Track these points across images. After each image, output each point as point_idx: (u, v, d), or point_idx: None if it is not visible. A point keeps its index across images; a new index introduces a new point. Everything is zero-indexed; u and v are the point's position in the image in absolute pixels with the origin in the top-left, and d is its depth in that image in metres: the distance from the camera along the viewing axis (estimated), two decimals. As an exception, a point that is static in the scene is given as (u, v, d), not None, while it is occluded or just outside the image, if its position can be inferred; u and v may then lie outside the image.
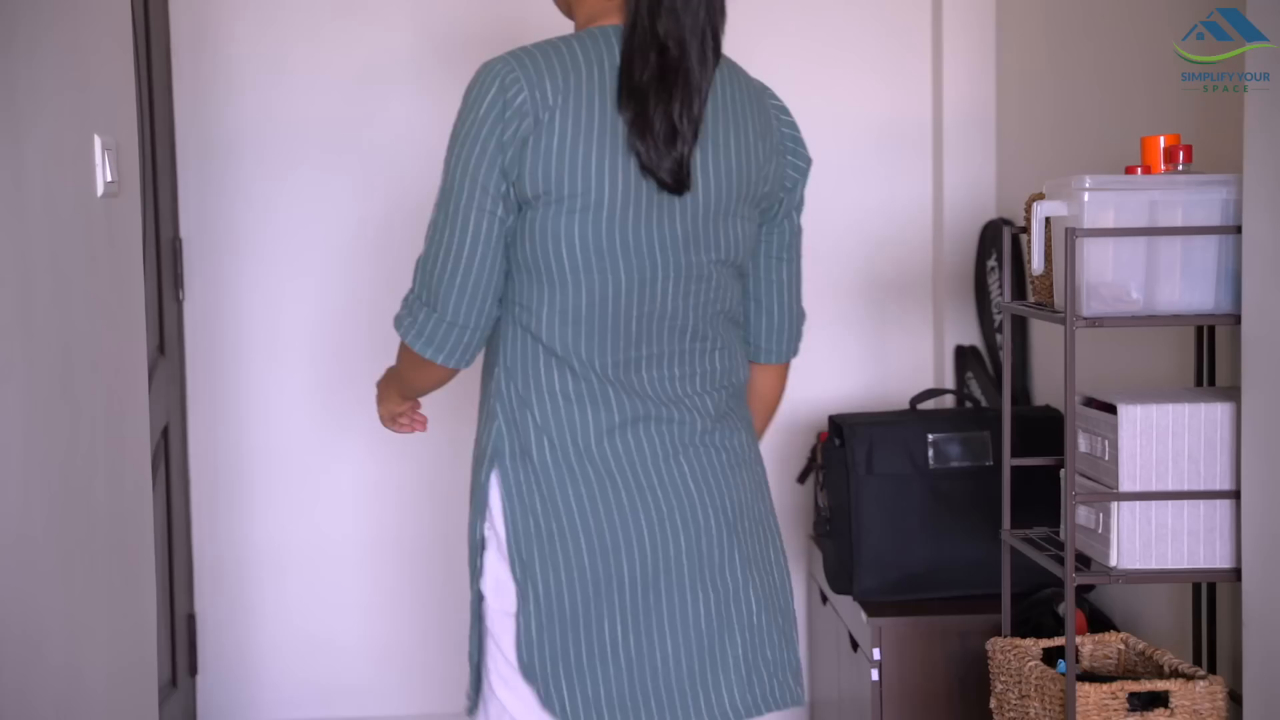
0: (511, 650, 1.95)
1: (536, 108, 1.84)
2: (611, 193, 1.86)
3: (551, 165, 1.84)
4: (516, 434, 1.93)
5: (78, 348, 2.64)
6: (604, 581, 1.92)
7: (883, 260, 3.81)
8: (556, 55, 1.86)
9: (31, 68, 2.44)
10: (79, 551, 2.64)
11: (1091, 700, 2.31)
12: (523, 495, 1.93)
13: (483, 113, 1.85)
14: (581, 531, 1.92)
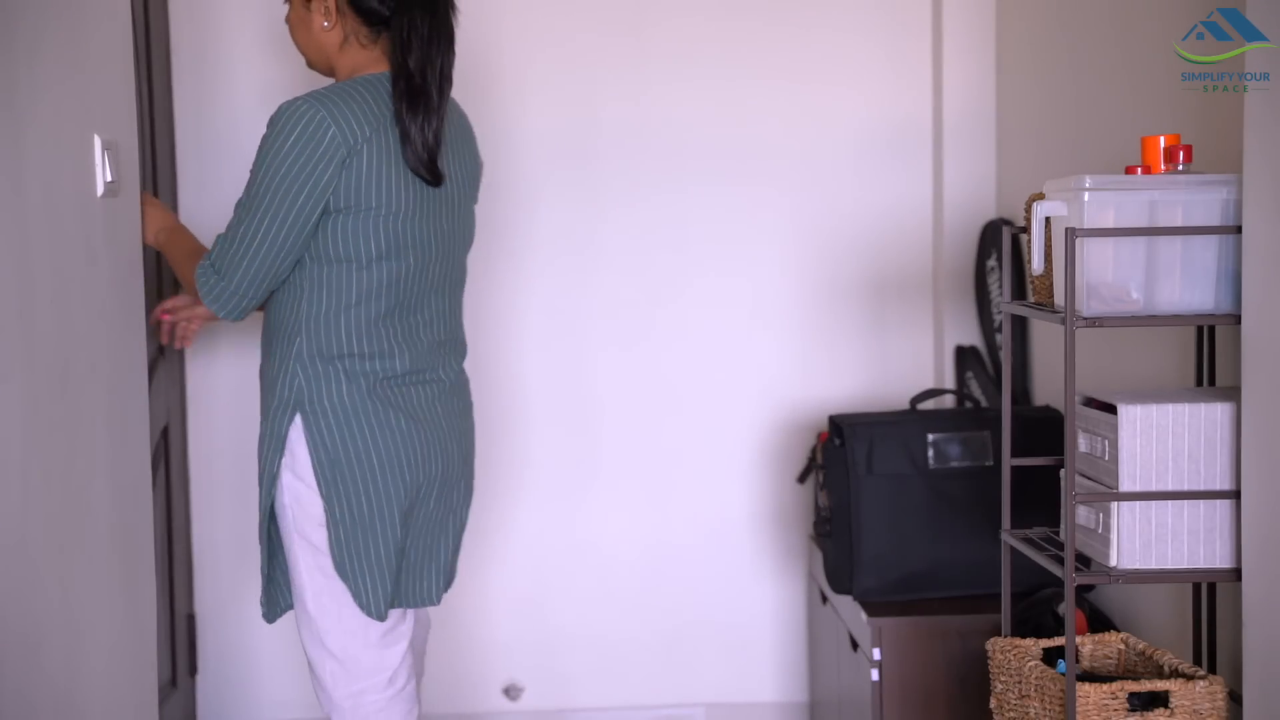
0: None
1: (349, 142, 2.48)
2: (401, 201, 2.54)
3: (360, 185, 2.50)
4: (319, 384, 2.55)
5: (78, 348, 2.64)
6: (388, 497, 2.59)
7: (883, 260, 3.81)
8: (359, 99, 2.51)
9: (31, 68, 2.44)
10: (79, 551, 2.64)
11: (1091, 700, 2.31)
12: (323, 433, 2.55)
13: (302, 146, 2.46)
14: (374, 456, 2.56)
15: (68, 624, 2.62)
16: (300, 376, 2.56)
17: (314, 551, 2.60)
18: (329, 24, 2.60)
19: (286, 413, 2.57)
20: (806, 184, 3.80)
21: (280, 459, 2.58)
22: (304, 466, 2.57)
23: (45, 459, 2.52)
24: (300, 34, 2.68)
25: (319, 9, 2.60)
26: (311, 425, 2.55)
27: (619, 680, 3.84)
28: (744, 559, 3.85)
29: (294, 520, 2.60)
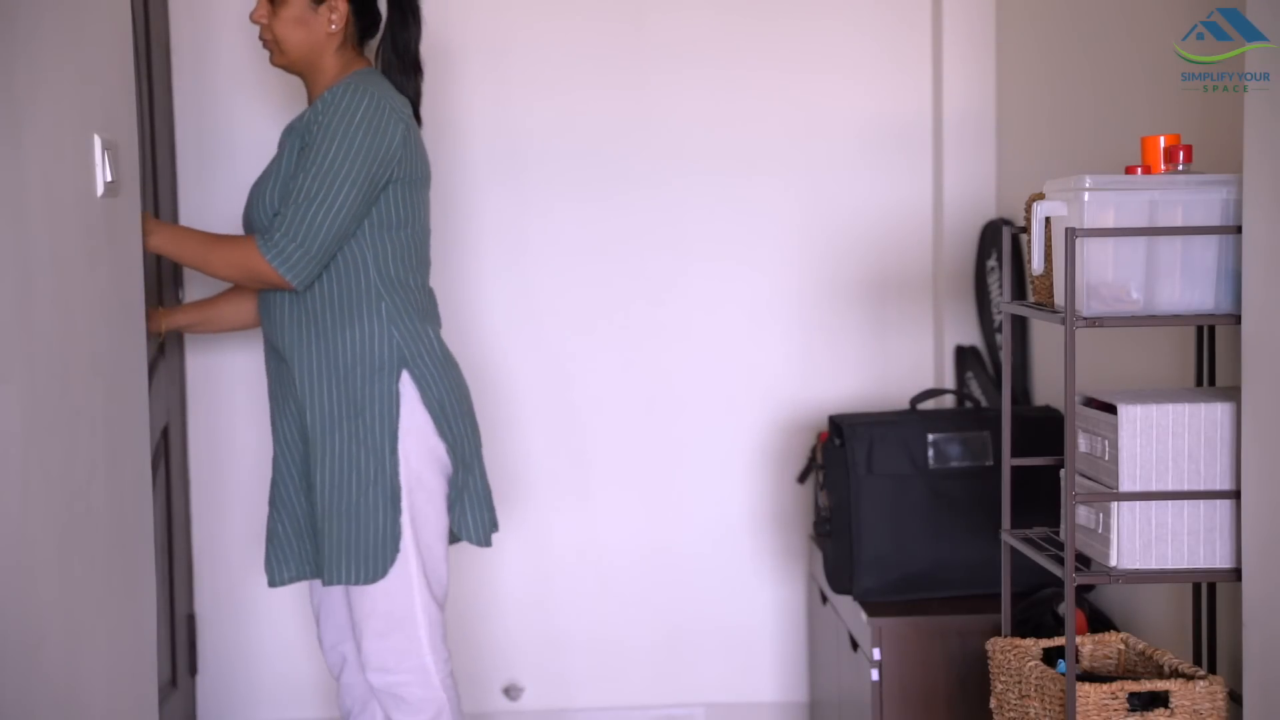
0: None
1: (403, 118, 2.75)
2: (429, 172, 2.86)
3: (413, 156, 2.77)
4: (417, 341, 2.76)
5: (78, 348, 2.64)
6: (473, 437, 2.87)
7: (883, 260, 3.81)
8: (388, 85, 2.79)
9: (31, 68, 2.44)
10: (79, 551, 2.64)
11: (1091, 700, 2.31)
12: (431, 384, 2.76)
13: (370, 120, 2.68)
14: (463, 399, 2.82)
15: (68, 624, 2.62)
16: (398, 336, 2.74)
17: (425, 503, 2.75)
18: (335, 28, 2.79)
19: (393, 372, 2.73)
20: (806, 184, 3.80)
21: (399, 417, 2.72)
22: (421, 420, 2.74)
23: (45, 459, 2.52)
24: (297, 34, 2.77)
25: (327, 13, 2.78)
26: (419, 378, 2.74)
27: (619, 680, 3.84)
28: (744, 559, 3.85)
29: (409, 474, 2.73)
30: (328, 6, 2.78)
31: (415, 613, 2.75)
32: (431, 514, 2.78)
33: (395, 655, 2.75)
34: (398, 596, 2.74)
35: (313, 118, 2.73)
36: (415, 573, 2.75)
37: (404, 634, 2.75)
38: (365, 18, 2.85)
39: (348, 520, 2.72)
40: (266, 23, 2.79)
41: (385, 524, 2.72)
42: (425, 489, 2.76)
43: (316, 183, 2.67)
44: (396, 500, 2.72)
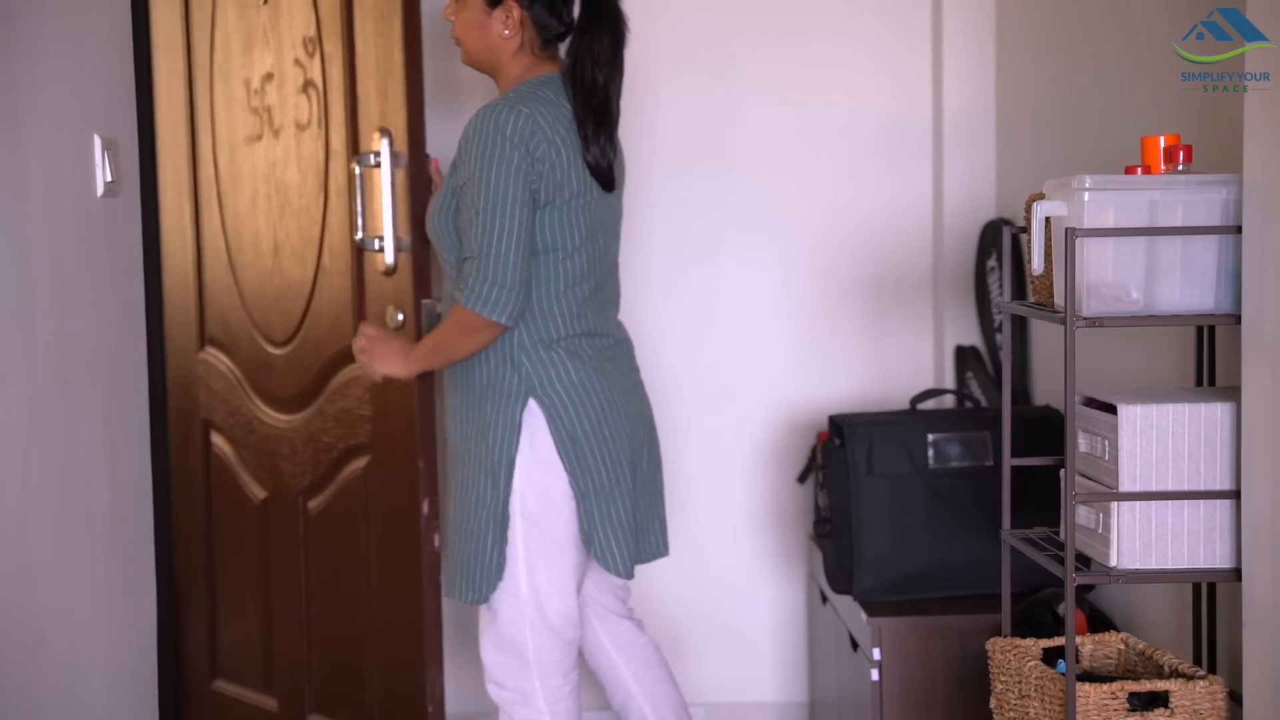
0: None
1: (551, 140, 2.67)
2: (592, 191, 2.75)
3: (562, 178, 2.70)
4: (547, 369, 2.72)
5: (78, 348, 2.64)
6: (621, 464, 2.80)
7: (883, 260, 3.81)
8: (548, 101, 2.70)
9: (31, 68, 2.44)
10: (79, 551, 2.64)
11: (1091, 700, 2.31)
12: (561, 414, 2.72)
13: (514, 145, 2.63)
14: (605, 427, 2.75)
15: (68, 624, 2.62)
16: (526, 365, 2.72)
17: (539, 533, 2.73)
18: (509, 33, 2.76)
19: (518, 400, 2.71)
20: (806, 183, 3.80)
21: (517, 445, 2.71)
22: (544, 448, 2.72)
23: (45, 459, 2.52)
24: (475, 37, 2.78)
25: (501, 18, 2.75)
26: (548, 408, 2.71)
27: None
28: (744, 559, 3.85)
29: (522, 503, 2.72)
30: (503, 10, 2.75)
31: (525, 638, 2.76)
32: (548, 545, 2.75)
33: (505, 672, 2.79)
34: (507, 619, 2.76)
35: (461, 141, 2.70)
36: (526, 600, 2.75)
37: (514, 655, 2.77)
38: (550, 21, 2.78)
39: (463, 540, 2.75)
40: (454, 20, 2.80)
41: (491, 549, 2.72)
42: (541, 520, 2.74)
43: (485, 215, 2.64)
44: (504, 527, 2.72)
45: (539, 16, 2.77)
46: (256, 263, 3.33)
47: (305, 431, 3.25)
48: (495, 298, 2.64)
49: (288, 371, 3.29)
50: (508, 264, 2.63)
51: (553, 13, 2.78)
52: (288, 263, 3.25)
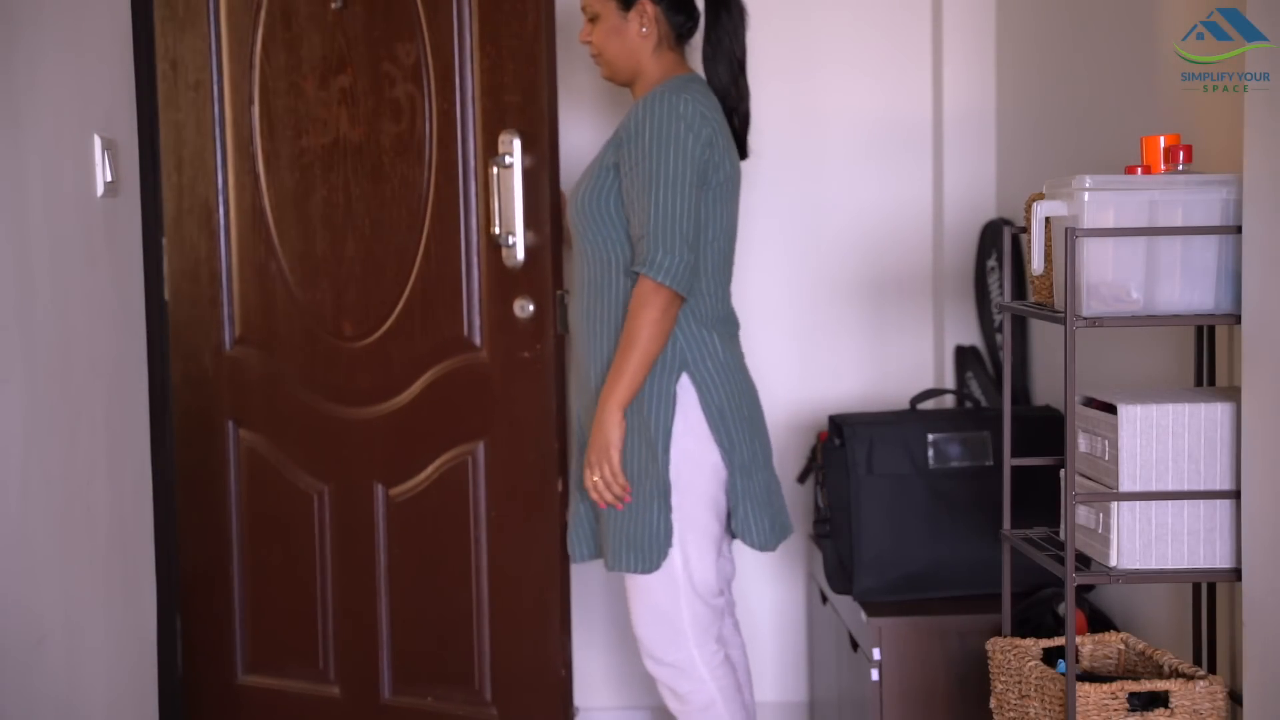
0: None
1: (714, 126, 2.78)
2: (738, 177, 2.88)
3: (724, 163, 2.81)
4: (699, 346, 2.81)
5: (78, 348, 2.64)
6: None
7: (883, 260, 3.81)
8: (704, 91, 2.84)
9: (31, 68, 2.44)
10: (79, 551, 2.64)
11: (1091, 700, 2.31)
12: (711, 389, 2.80)
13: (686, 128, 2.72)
14: (744, 404, 2.86)
15: (68, 624, 2.62)
16: (681, 339, 2.79)
17: (691, 504, 2.79)
18: (646, 30, 2.87)
19: (672, 373, 2.78)
20: (806, 183, 3.80)
21: (673, 416, 2.77)
22: (695, 422, 2.78)
23: (45, 459, 2.52)
24: (614, 45, 2.88)
25: (636, 17, 2.86)
26: (699, 383, 2.79)
27: (619, 680, 3.84)
28: (744, 559, 3.85)
29: (677, 473, 2.78)
30: (636, 11, 2.85)
31: (680, 609, 2.82)
32: (700, 516, 2.82)
33: (662, 645, 2.84)
34: (663, 592, 2.81)
35: (625, 126, 2.78)
36: (679, 571, 2.81)
37: (670, 626, 2.83)
38: (679, 15, 2.90)
39: (627, 511, 2.79)
40: (591, 40, 2.91)
41: (658, 517, 2.78)
42: (694, 490, 2.81)
43: (661, 192, 2.71)
44: (667, 496, 2.78)
45: (669, 10, 2.88)
46: (324, 268, 3.41)
47: (388, 423, 3.34)
48: (676, 269, 2.70)
49: (365, 366, 3.37)
50: (686, 238, 2.71)
51: (682, 6, 2.90)
52: (366, 267, 3.35)
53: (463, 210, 3.24)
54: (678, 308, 2.75)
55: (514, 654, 3.30)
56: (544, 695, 3.27)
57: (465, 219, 3.25)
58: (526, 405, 3.21)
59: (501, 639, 3.31)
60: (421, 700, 3.40)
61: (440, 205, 3.27)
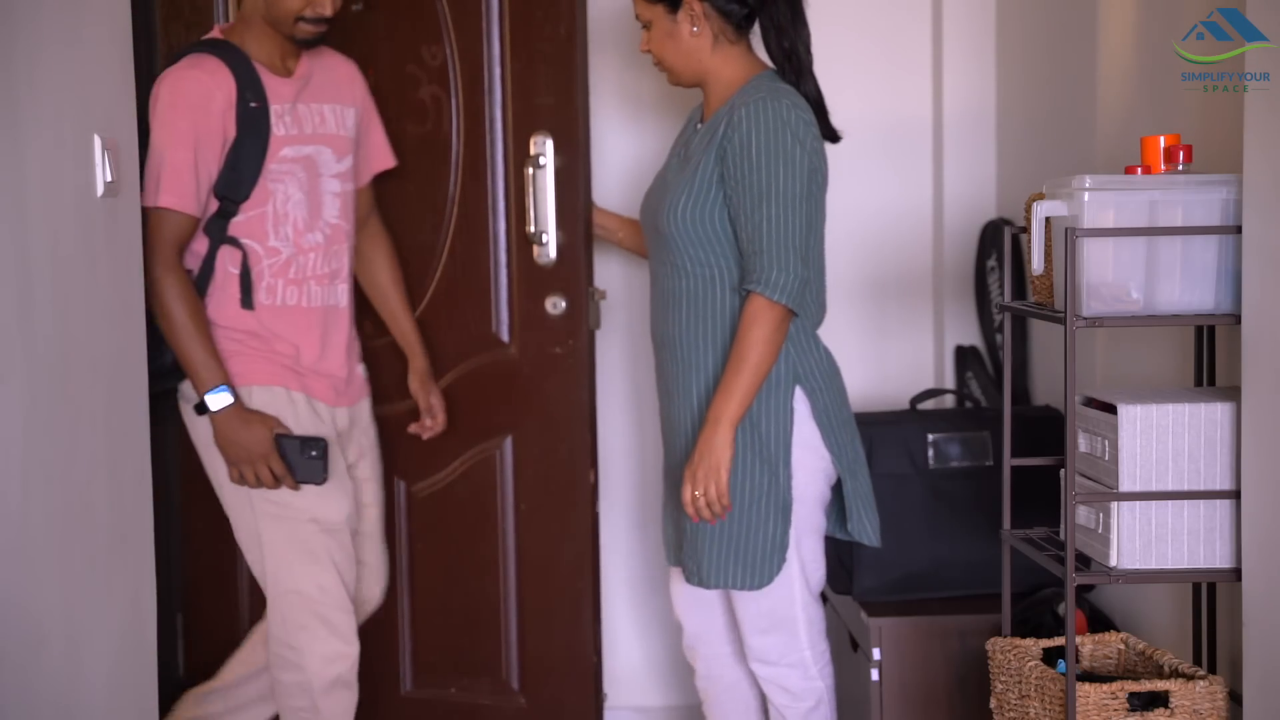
0: None
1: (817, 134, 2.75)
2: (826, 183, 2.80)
3: (825, 169, 2.77)
4: (807, 355, 2.78)
5: (78, 348, 2.64)
6: None
7: (883, 260, 3.81)
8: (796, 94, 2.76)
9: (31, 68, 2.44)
10: (79, 551, 2.64)
11: (1091, 700, 2.31)
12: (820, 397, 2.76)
13: (800, 138, 2.68)
14: (844, 409, 2.82)
15: (68, 624, 2.62)
16: (793, 352, 2.76)
17: (806, 512, 2.76)
18: (697, 29, 2.77)
19: (788, 388, 2.74)
20: (806, 184, 3.80)
21: (792, 431, 2.73)
22: (808, 432, 2.75)
23: (45, 459, 2.52)
24: (670, 49, 2.81)
25: (685, 18, 2.77)
26: (811, 392, 2.76)
27: (619, 680, 3.83)
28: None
29: (799, 486, 2.75)
30: (684, 12, 2.77)
31: (796, 612, 2.79)
32: (816, 520, 2.81)
33: (777, 650, 2.82)
34: (779, 598, 2.78)
35: (732, 133, 2.69)
36: (797, 576, 2.77)
37: (786, 631, 2.80)
38: (732, 4, 2.77)
39: (737, 527, 2.73)
40: (650, 48, 2.84)
41: (775, 534, 2.73)
42: (812, 500, 2.78)
43: (775, 207, 2.65)
44: (788, 512, 2.73)
45: (718, 3, 2.77)
46: None
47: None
48: (790, 286, 2.64)
49: (387, 363, 3.35)
50: (800, 253, 2.66)
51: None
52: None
53: (491, 209, 3.31)
54: (789, 324, 2.70)
55: (544, 643, 3.35)
56: (575, 682, 3.32)
57: (493, 218, 3.31)
58: (559, 400, 3.28)
59: (531, 628, 3.35)
60: (444, 691, 3.43)
61: (466, 204, 3.32)
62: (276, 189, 2.89)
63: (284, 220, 2.90)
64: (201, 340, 2.83)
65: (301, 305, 2.94)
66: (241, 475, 2.89)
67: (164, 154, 2.79)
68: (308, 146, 2.92)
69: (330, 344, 2.97)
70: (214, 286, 2.90)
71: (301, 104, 2.93)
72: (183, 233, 2.83)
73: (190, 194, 2.80)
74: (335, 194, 2.97)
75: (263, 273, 2.90)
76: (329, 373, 2.97)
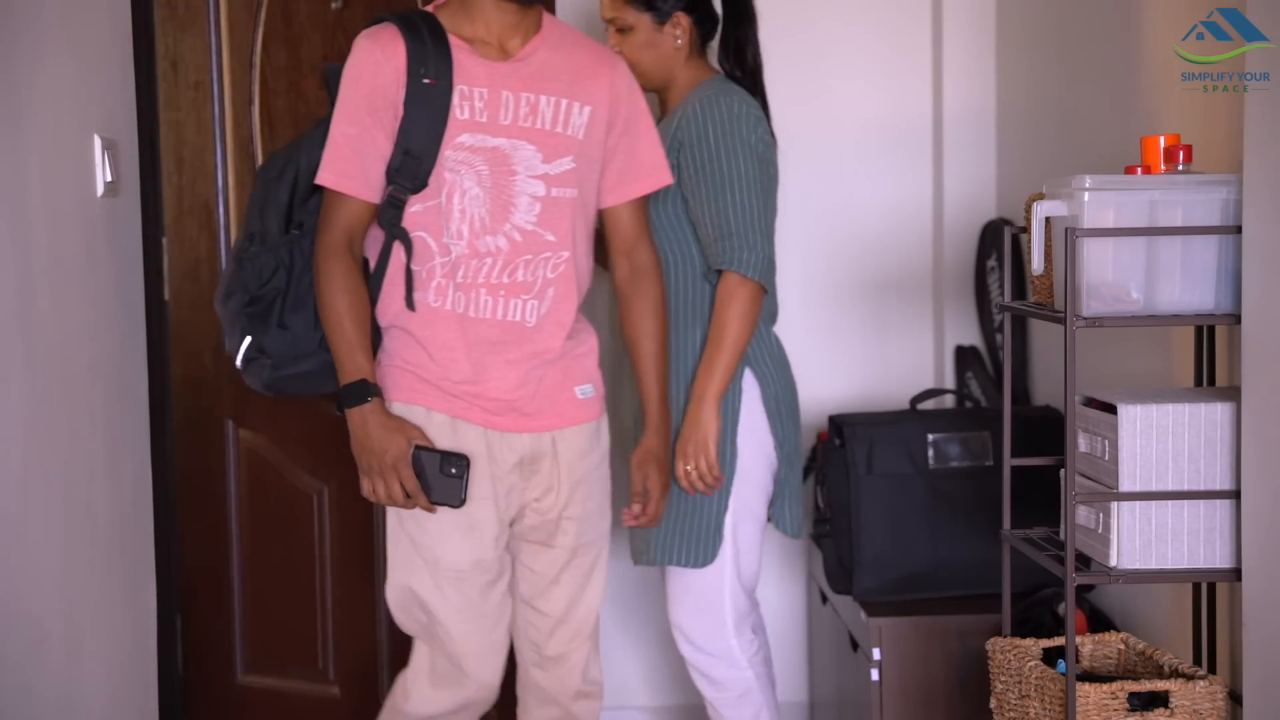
0: None
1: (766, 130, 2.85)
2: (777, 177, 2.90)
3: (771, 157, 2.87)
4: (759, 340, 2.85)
5: (78, 348, 2.64)
6: None
7: (883, 260, 3.81)
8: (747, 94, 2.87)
9: (31, 68, 2.44)
10: (79, 551, 2.64)
11: (1091, 700, 2.31)
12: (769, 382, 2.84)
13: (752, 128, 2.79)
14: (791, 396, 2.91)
15: (68, 624, 2.62)
16: None
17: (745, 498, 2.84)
18: (681, 41, 2.90)
19: (739, 371, 2.82)
20: (806, 184, 3.80)
21: (739, 412, 2.82)
22: (756, 416, 2.84)
23: (45, 459, 2.52)
24: (649, 56, 2.89)
25: (672, 30, 2.88)
26: (761, 377, 2.85)
27: (619, 680, 3.83)
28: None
29: (743, 467, 2.83)
30: (672, 24, 2.88)
31: (724, 598, 2.87)
32: (757, 507, 2.88)
33: (703, 635, 2.88)
34: (709, 583, 2.86)
35: (688, 125, 2.80)
36: (729, 562, 2.86)
37: (712, 617, 2.87)
38: (705, 24, 2.95)
39: (682, 506, 2.82)
40: (621, 49, 2.88)
41: (715, 513, 2.82)
42: (752, 483, 2.86)
43: (736, 192, 2.76)
44: (727, 491, 2.82)
45: (701, 18, 2.92)
46: None
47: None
48: (760, 263, 2.75)
49: None
50: (766, 233, 2.77)
51: (709, 13, 2.94)
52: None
53: None
54: (762, 300, 2.79)
55: (351, 634, 3.37)
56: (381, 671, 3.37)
57: None
58: None
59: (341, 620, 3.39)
60: (271, 680, 3.48)
61: None
62: (453, 180, 2.51)
63: (458, 216, 2.51)
64: (348, 331, 2.47)
65: (467, 314, 2.54)
66: (373, 488, 2.51)
67: (331, 129, 2.50)
68: (498, 138, 2.52)
69: (493, 363, 2.54)
70: (386, 282, 2.56)
71: (507, 90, 2.52)
72: (347, 215, 2.49)
73: (350, 173, 2.49)
74: (536, 198, 2.54)
75: (432, 271, 2.53)
76: (489, 395, 2.54)
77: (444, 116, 2.48)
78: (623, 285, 2.72)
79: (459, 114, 2.49)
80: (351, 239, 2.50)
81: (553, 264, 2.56)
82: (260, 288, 2.51)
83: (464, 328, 2.53)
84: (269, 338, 2.53)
